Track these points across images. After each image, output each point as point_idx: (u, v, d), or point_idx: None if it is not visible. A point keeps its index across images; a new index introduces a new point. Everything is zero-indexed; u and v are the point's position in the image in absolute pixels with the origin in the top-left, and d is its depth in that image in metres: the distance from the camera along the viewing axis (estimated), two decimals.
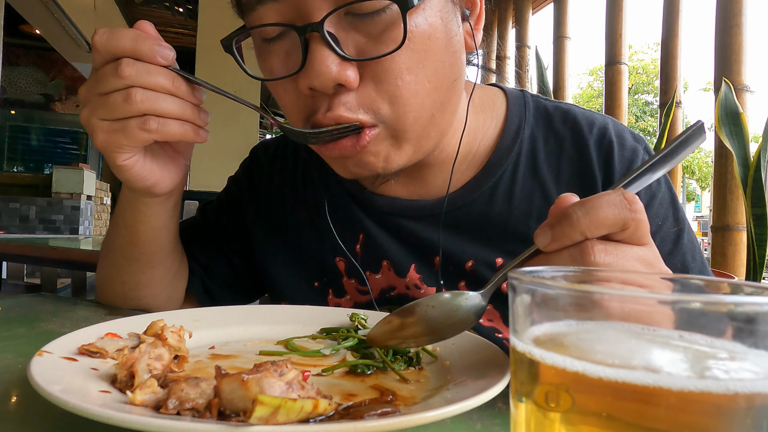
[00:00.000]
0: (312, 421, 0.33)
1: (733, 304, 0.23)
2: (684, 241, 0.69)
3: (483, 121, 0.74)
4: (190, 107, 0.60)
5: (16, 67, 8.31)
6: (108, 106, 0.57)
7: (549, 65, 3.18)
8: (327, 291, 0.80)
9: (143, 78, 0.56)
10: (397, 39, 0.53)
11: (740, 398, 0.23)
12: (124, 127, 0.57)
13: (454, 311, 0.47)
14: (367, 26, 0.54)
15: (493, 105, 0.76)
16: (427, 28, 0.55)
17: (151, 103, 0.56)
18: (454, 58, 0.60)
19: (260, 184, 0.88)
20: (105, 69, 0.57)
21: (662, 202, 0.69)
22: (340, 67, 0.53)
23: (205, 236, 0.88)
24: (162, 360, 0.43)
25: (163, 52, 0.57)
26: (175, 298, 0.82)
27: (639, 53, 24.95)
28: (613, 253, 0.40)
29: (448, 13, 0.58)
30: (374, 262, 0.77)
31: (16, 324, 0.67)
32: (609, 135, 0.71)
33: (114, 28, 0.57)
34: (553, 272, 0.31)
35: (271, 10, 0.56)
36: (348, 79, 0.54)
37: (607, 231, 0.40)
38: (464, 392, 0.40)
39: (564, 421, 0.25)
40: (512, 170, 0.72)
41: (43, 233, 6.38)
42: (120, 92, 0.56)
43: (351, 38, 0.55)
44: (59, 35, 4.75)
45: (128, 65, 0.55)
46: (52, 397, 0.34)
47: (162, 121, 0.57)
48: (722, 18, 2.01)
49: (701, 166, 22.82)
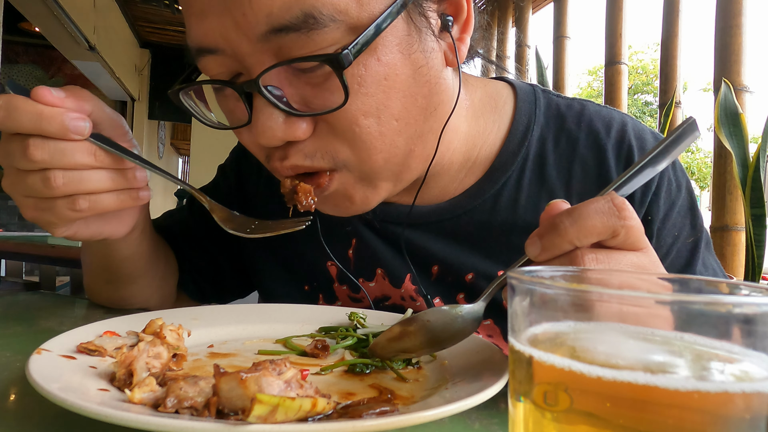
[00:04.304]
0: (310, 420, 0.33)
1: (732, 304, 0.23)
2: (700, 254, 0.65)
3: (485, 124, 0.68)
4: (120, 176, 0.53)
5: (15, 64, 8.29)
6: (27, 186, 0.50)
7: (549, 65, 3.17)
8: (317, 296, 0.76)
9: (58, 160, 0.49)
10: (340, 88, 0.48)
11: (738, 399, 0.23)
12: (52, 207, 0.51)
13: (451, 323, 0.46)
14: (312, 78, 0.50)
15: (497, 105, 0.69)
16: (382, 69, 0.50)
17: (75, 185, 0.50)
18: (428, 87, 0.55)
19: (249, 180, 0.84)
20: (13, 146, 0.49)
21: (680, 210, 0.65)
22: (286, 124, 0.50)
23: (190, 232, 0.85)
24: (160, 358, 0.43)
25: (76, 126, 0.49)
26: (168, 295, 0.82)
27: (639, 53, 24.93)
28: (604, 261, 0.39)
29: (411, 43, 0.52)
30: (368, 269, 0.73)
31: (14, 322, 0.67)
32: (629, 138, 0.66)
33: (10, 101, 0.48)
34: (551, 272, 0.31)
35: (212, 61, 0.52)
36: (297, 134, 0.51)
37: (596, 239, 0.39)
38: (463, 391, 0.40)
39: (562, 421, 0.25)
40: (518, 176, 0.66)
41: (41, 231, 6.37)
42: (38, 174, 0.49)
43: (297, 91, 0.51)
44: (58, 33, 4.73)
45: (37, 148, 0.48)
46: (51, 395, 0.34)
47: (92, 198, 0.52)
48: (722, 18, 2.00)
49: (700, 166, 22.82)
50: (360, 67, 0.49)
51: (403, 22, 0.51)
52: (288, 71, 0.50)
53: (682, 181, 0.66)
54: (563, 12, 3.26)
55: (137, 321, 0.56)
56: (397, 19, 0.50)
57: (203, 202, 0.59)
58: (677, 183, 0.65)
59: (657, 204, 0.63)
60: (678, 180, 0.66)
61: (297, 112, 0.50)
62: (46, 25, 4.61)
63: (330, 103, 0.49)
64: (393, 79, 0.51)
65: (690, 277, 0.30)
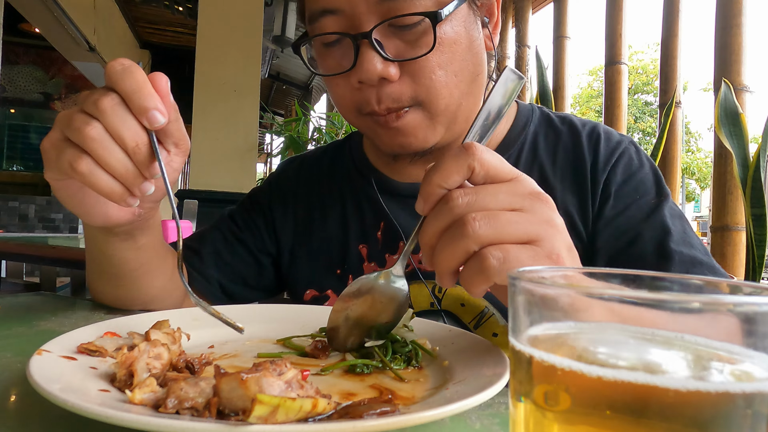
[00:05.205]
0: (311, 421, 0.33)
1: (732, 304, 0.23)
2: (664, 210, 0.76)
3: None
4: (131, 174, 0.54)
5: (16, 65, 8.30)
6: (69, 118, 0.53)
7: (549, 65, 3.17)
8: (347, 277, 0.86)
9: (110, 119, 0.52)
10: (429, 44, 0.67)
11: (738, 399, 0.23)
12: (62, 149, 0.53)
13: (386, 286, 0.55)
14: (406, 35, 0.68)
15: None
16: (453, 35, 0.69)
17: (96, 145, 0.52)
18: (476, 58, 0.74)
19: (288, 189, 0.97)
20: (99, 90, 0.54)
21: (644, 180, 0.79)
22: (383, 65, 0.67)
23: (234, 239, 0.93)
24: (161, 359, 0.43)
25: (154, 115, 0.52)
26: (175, 297, 0.82)
27: (639, 53, 24.94)
28: (471, 193, 0.46)
29: (470, 23, 0.73)
30: (393, 245, 0.84)
31: (15, 323, 0.67)
32: (598, 130, 0.85)
33: (132, 66, 0.53)
34: (551, 272, 0.31)
35: (330, 21, 0.69)
36: (389, 74, 0.68)
37: (458, 177, 0.46)
38: (463, 391, 0.40)
39: (563, 421, 0.25)
40: (516, 155, 0.84)
41: (42, 232, 6.38)
42: (86, 116, 0.52)
43: (392, 44, 0.69)
44: (59, 34, 4.74)
45: (111, 100, 0.52)
46: (51, 396, 0.34)
47: (93, 168, 0.53)
48: (722, 18, 2.01)
49: (700, 166, 22.83)
50: (442, 29, 0.68)
51: (467, 7, 0.72)
52: (389, 29, 0.68)
53: (644, 161, 0.82)
54: (563, 12, 3.26)
55: (138, 322, 0.56)
56: (464, 4, 0.71)
57: (178, 257, 0.57)
58: (639, 161, 0.82)
59: (614, 172, 0.80)
60: (640, 159, 0.82)
61: (392, 58, 0.68)
62: (46, 26, 4.61)
63: (417, 54, 0.68)
64: (458, 44, 0.70)
65: (690, 277, 0.30)
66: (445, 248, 0.46)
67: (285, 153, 4.71)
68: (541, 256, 0.45)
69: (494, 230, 0.44)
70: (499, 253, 0.44)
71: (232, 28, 3.92)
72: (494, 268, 0.43)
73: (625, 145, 0.83)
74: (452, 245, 0.45)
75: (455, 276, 0.48)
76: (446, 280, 0.48)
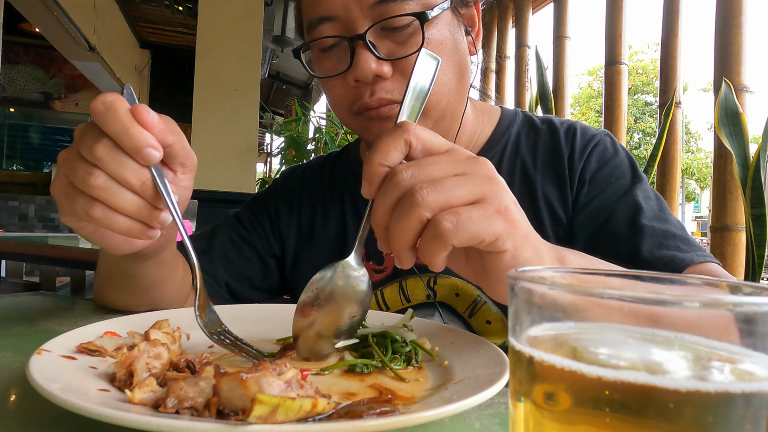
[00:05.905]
0: (311, 420, 0.33)
1: (732, 304, 0.23)
2: (636, 191, 0.81)
3: (482, 122, 0.93)
4: (146, 209, 0.55)
5: (16, 65, 8.30)
6: (72, 167, 0.53)
7: (549, 65, 3.17)
8: None
9: (111, 166, 0.52)
10: (417, 44, 0.72)
11: (738, 399, 0.23)
12: (73, 197, 0.54)
13: (347, 279, 0.56)
14: (396, 37, 0.74)
15: (490, 112, 0.96)
16: (439, 37, 0.75)
17: (105, 193, 0.52)
18: (461, 59, 0.80)
19: (293, 193, 1.01)
20: (90, 133, 0.53)
21: (619, 165, 0.85)
22: (377, 64, 0.72)
23: (242, 240, 0.96)
24: (161, 359, 0.43)
25: (148, 153, 0.52)
26: (180, 304, 0.83)
27: (639, 53, 24.94)
28: (413, 165, 0.47)
29: (455, 27, 0.78)
30: None
31: (14, 322, 0.67)
32: (575, 126, 0.91)
33: (115, 102, 0.52)
34: (551, 272, 0.31)
35: (327, 27, 0.74)
36: (383, 72, 0.73)
37: (398, 154, 0.48)
38: (463, 391, 0.40)
39: (563, 421, 0.25)
40: (500, 153, 0.90)
41: (42, 231, 6.38)
42: (88, 165, 0.52)
43: (385, 45, 0.74)
44: (59, 33, 4.73)
45: (105, 147, 0.52)
46: (51, 396, 0.34)
47: (108, 213, 0.53)
48: (722, 18, 2.00)
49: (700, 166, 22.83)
50: (429, 31, 0.74)
51: (451, 14, 0.78)
52: (381, 33, 0.73)
53: (618, 150, 0.88)
54: (563, 12, 3.26)
55: (138, 321, 0.56)
56: (448, 11, 0.77)
57: (197, 278, 0.57)
58: (614, 149, 0.87)
59: (589, 161, 0.85)
60: (615, 148, 0.88)
61: (385, 57, 0.73)
62: (46, 25, 4.61)
63: (408, 53, 0.73)
64: (445, 45, 0.76)
65: (690, 277, 0.30)
66: (398, 223, 0.47)
67: (285, 153, 4.71)
68: (490, 212, 0.46)
69: (442, 195, 0.45)
70: (451, 216, 0.45)
71: (232, 28, 3.92)
72: (449, 230, 0.44)
73: (600, 137, 0.88)
74: (405, 218, 0.46)
75: (413, 252, 0.48)
76: (405, 258, 0.49)
